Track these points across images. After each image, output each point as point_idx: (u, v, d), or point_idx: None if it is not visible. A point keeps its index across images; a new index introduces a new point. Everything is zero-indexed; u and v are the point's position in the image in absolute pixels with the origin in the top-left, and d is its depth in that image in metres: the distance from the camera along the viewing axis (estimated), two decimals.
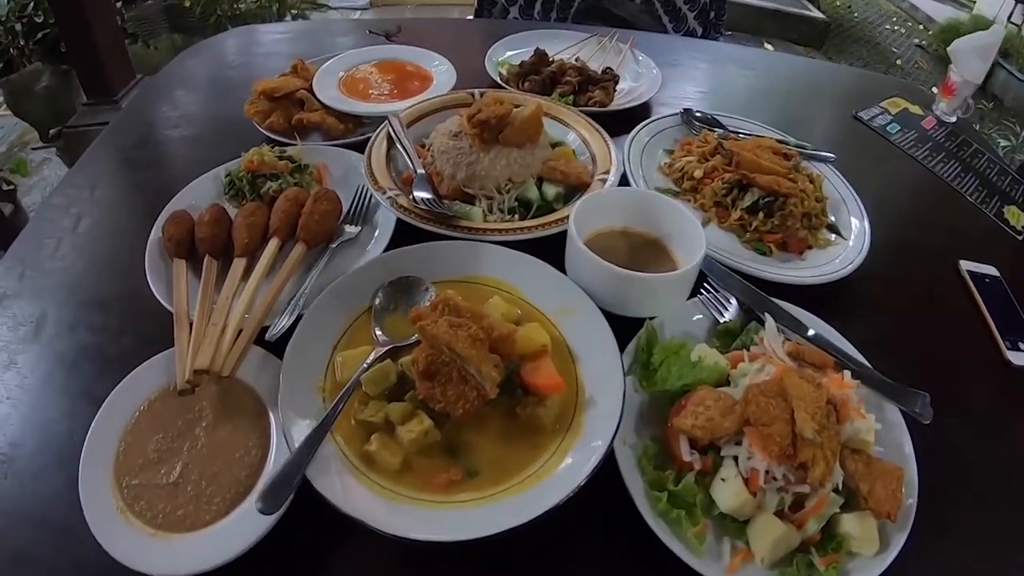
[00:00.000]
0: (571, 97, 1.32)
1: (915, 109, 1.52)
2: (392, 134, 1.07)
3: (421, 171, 1.00)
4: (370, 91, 1.29)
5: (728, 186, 1.04)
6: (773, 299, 0.88)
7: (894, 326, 0.97)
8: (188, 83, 1.48)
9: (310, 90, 1.24)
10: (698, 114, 1.24)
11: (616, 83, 1.39)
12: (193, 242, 0.92)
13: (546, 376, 0.72)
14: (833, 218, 1.08)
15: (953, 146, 1.41)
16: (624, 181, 1.04)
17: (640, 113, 1.31)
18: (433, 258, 0.86)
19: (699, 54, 1.70)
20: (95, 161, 1.22)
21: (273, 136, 1.17)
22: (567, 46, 1.53)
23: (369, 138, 1.08)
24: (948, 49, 1.47)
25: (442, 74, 1.35)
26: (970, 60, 1.43)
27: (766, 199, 1.02)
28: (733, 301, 0.88)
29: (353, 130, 1.21)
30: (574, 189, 1.01)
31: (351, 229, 0.97)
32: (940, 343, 0.96)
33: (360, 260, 0.92)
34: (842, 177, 1.16)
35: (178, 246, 0.91)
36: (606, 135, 1.10)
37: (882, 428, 0.74)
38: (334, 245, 0.94)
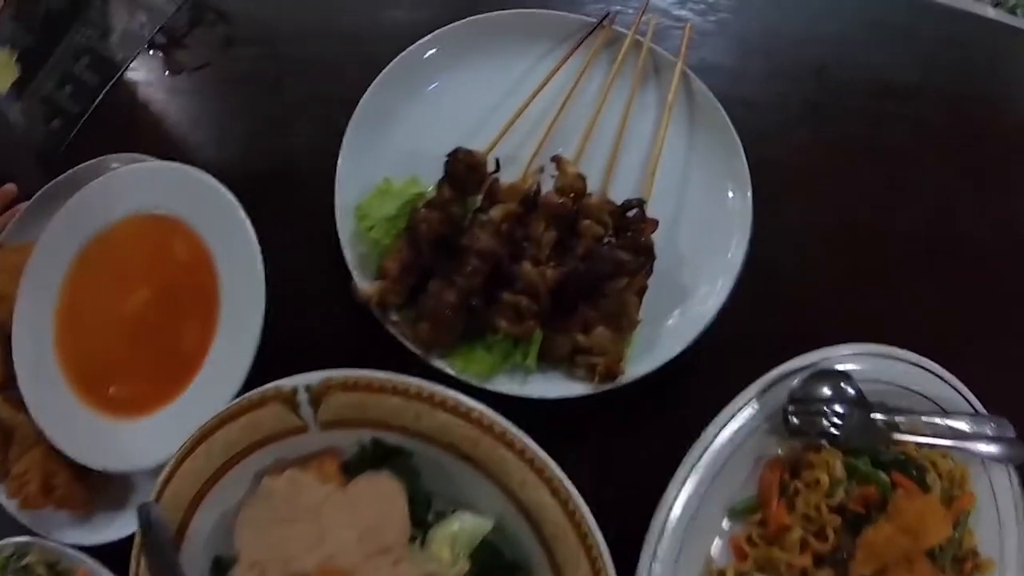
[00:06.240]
0: (538, 341, 0.55)
1: None
2: None
3: None
4: (115, 372, 0.60)
5: None
6: None
7: None
8: None
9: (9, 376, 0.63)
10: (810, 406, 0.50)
11: (649, 273, 0.54)
12: None
13: None
14: None
15: None
16: None
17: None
18: None
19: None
20: None
21: None
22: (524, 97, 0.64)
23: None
24: None
25: (235, 277, 0.57)
26: None
27: None
28: None
29: (105, 486, 0.62)
30: None
31: None
32: None
33: None
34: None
35: None
36: None
37: None
38: None
